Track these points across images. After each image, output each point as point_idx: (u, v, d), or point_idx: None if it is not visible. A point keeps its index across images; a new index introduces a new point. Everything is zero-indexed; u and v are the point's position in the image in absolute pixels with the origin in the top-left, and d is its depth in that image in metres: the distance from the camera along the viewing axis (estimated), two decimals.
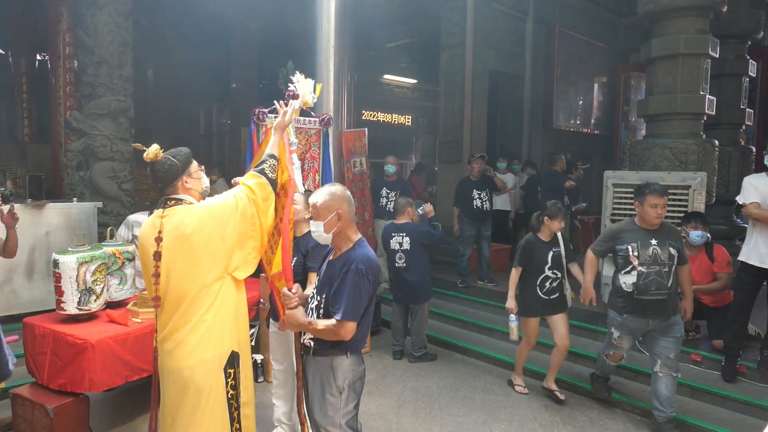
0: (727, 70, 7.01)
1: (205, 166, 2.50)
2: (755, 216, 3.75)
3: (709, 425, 3.55)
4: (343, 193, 2.26)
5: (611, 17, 11.03)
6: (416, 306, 4.83)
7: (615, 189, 5.03)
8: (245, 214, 2.18)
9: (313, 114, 4.69)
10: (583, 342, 4.87)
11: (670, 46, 5.25)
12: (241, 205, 2.18)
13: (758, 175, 3.93)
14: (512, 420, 3.79)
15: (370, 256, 2.22)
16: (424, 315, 4.86)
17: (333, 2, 5.13)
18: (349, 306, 2.11)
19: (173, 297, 2.09)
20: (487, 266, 6.60)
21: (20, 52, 9.22)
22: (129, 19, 6.14)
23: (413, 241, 4.75)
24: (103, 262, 3.33)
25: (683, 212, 4.70)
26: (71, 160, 6.05)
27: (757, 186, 3.78)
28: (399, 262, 4.83)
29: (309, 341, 2.25)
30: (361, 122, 11.17)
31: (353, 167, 5.74)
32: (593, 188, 10.12)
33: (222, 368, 2.12)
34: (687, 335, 4.46)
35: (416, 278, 4.78)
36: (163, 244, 2.09)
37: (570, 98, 10.44)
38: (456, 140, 8.64)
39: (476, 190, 6.33)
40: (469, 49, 8.44)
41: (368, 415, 3.77)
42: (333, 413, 2.20)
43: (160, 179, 2.18)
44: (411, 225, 4.83)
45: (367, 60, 11.18)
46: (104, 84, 5.93)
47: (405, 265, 4.80)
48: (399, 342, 4.99)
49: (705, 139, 5.33)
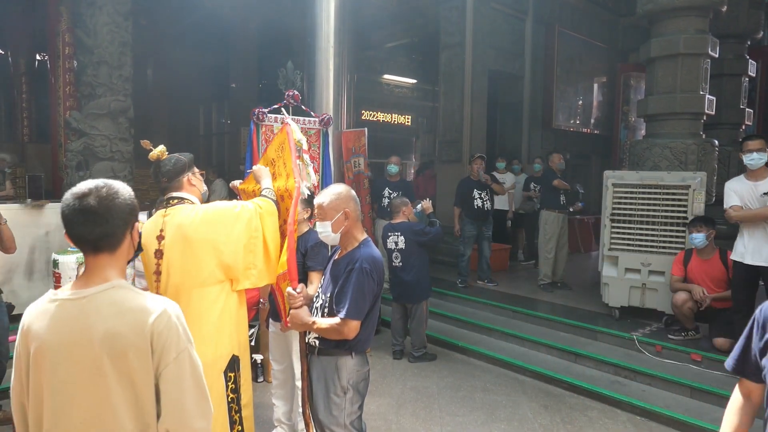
0: (726, 70, 7.01)
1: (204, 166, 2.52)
2: (735, 218, 3.92)
3: (709, 425, 3.55)
4: (349, 193, 2.28)
5: (611, 17, 11.03)
6: (414, 305, 4.82)
7: (615, 189, 5.03)
8: (250, 225, 2.18)
9: (313, 114, 4.69)
10: (582, 342, 4.88)
11: (670, 46, 5.25)
12: (246, 215, 2.19)
13: (737, 178, 4.10)
14: (512, 420, 3.79)
15: (374, 255, 2.23)
16: (423, 315, 4.84)
17: (333, 2, 5.13)
18: (352, 305, 2.11)
19: (172, 295, 2.09)
20: (488, 266, 6.61)
21: (20, 52, 9.22)
22: (129, 19, 6.14)
23: (407, 240, 4.74)
24: None
25: (683, 212, 4.71)
26: (71, 160, 6.05)
27: (735, 189, 3.97)
28: (395, 262, 4.84)
29: (314, 341, 2.26)
30: (361, 122, 11.16)
31: (353, 167, 5.74)
32: (593, 188, 10.12)
33: (222, 372, 2.12)
34: (686, 334, 4.47)
35: (412, 277, 4.76)
36: (165, 242, 2.09)
37: (569, 98, 10.44)
38: (455, 140, 8.64)
39: (477, 189, 6.33)
40: (469, 48, 8.43)
41: (368, 415, 3.77)
42: (338, 413, 2.20)
43: (167, 173, 2.20)
44: (405, 224, 4.82)
45: (367, 60, 11.18)
46: (104, 84, 5.93)
47: (401, 265, 4.80)
48: (399, 342, 4.98)
49: (705, 139, 5.33)
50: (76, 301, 1.29)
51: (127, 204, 1.34)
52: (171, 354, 1.28)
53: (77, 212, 1.28)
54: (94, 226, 1.28)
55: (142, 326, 1.26)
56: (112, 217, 1.29)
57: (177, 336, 1.30)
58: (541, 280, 6.37)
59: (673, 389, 4.05)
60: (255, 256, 2.20)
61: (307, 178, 2.63)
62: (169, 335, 1.29)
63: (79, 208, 1.27)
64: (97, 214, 1.27)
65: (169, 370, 1.28)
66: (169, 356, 1.28)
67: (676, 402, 3.90)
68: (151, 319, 1.27)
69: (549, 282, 6.34)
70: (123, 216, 1.32)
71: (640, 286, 4.88)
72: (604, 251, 5.11)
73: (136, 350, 1.25)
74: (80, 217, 1.28)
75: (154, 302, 1.32)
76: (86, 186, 1.31)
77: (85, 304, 1.28)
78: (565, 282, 6.46)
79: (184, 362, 1.30)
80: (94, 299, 1.29)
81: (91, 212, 1.27)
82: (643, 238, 4.87)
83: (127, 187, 1.38)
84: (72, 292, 1.31)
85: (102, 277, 1.32)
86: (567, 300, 5.91)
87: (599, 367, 4.49)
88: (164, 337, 1.27)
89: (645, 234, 4.87)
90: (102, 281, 1.31)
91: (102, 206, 1.28)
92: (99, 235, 1.29)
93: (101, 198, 1.29)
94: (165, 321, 1.29)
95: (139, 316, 1.27)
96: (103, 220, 1.28)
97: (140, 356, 1.26)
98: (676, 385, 4.04)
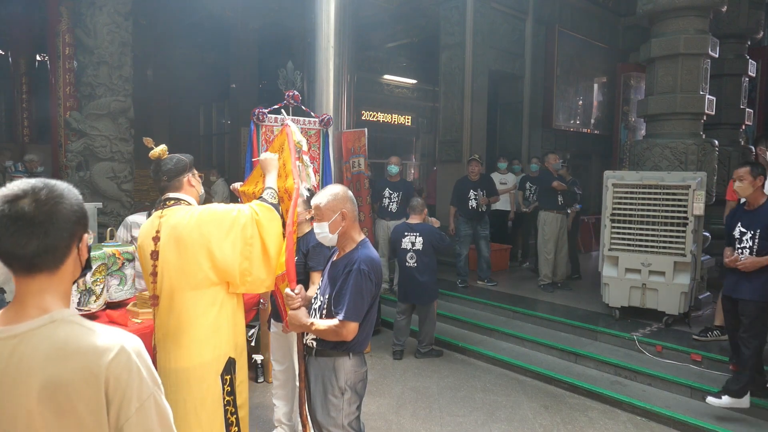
0: (726, 70, 7.01)
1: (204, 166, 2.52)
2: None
3: (710, 425, 3.55)
4: (345, 193, 2.27)
5: (611, 17, 11.03)
6: (425, 306, 4.86)
7: (615, 189, 5.03)
8: (245, 232, 2.13)
9: (313, 114, 4.69)
10: (582, 342, 4.88)
11: (670, 46, 5.25)
12: (242, 220, 2.14)
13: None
14: (512, 420, 3.79)
15: (372, 256, 2.23)
16: (434, 314, 4.91)
17: (333, 2, 5.13)
18: (351, 306, 2.11)
19: (168, 296, 2.09)
20: (487, 266, 6.61)
21: (20, 52, 9.21)
22: (129, 19, 6.14)
23: (426, 242, 4.77)
24: (103, 263, 3.33)
25: (683, 212, 4.71)
26: (71, 160, 6.05)
27: None
28: (410, 262, 4.82)
29: (311, 342, 2.26)
30: (361, 122, 11.16)
31: (352, 167, 5.74)
32: (593, 188, 10.12)
33: (219, 374, 2.12)
34: (711, 334, 4.43)
35: (426, 279, 4.80)
36: (161, 243, 2.08)
37: (569, 98, 10.44)
38: (455, 140, 8.64)
39: (473, 190, 6.35)
40: (469, 48, 8.43)
41: (368, 415, 3.77)
42: (335, 414, 2.20)
43: (168, 171, 2.18)
44: (425, 225, 4.86)
45: (367, 60, 11.18)
46: (104, 84, 5.94)
47: (416, 266, 4.80)
48: (400, 342, 4.98)
49: (705, 139, 5.33)
50: (5, 341, 0.99)
51: (73, 210, 1.04)
52: (133, 404, 1.01)
53: (7, 219, 0.97)
54: (29, 238, 0.98)
55: (93, 371, 0.98)
56: (53, 226, 1.00)
57: (139, 380, 1.03)
58: (541, 281, 6.37)
59: (673, 389, 4.05)
60: (251, 264, 2.14)
61: (307, 179, 2.62)
62: (130, 380, 1.01)
63: (10, 215, 0.97)
64: (34, 222, 0.98)
65: (131, 425, 1.01)
66: (131, 407, 1.01)
67: (676, 402, 3.90)
68: (106, 362, 0.99)
69: (549, 282, 6.34)
70: (68, 226, 1.03)
71: (640, 286, 4.88)
72: (604, 251, 5.11)
73: (86, 402, 0.98)
74: (11, 226, 0.97)
75: (107, 338, 1.03)
76: (20, 187, 1.01)
77: (16, 345, 0.98)
78: (566, 282, 6.46)
79: (149, 412, 1.04)
80: (28, 338, 0.99)
81: (25, 220, 0.97)
82: (643, 239, 4.87)
83: (73, 189, 1.08)
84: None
85: (38, 306, 1.02)
86: (567, 300, 5.91)
87: (599, 367, 4.50)
88: (123, 383, 1.00)
89: (645, 234, 4.86)
90: (39, 313, 1.01)
91: (41, 212, 0.99)
92: (35, 250, 0.99)
93: (40, 202, 0.99)
94: (123, 362, 1.01)
95: (89, 358, 0.99)
96: (41, 230, 0.99)
97: (92, 410, 0.98)
98: (676, 385, 4.05)
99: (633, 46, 9.94)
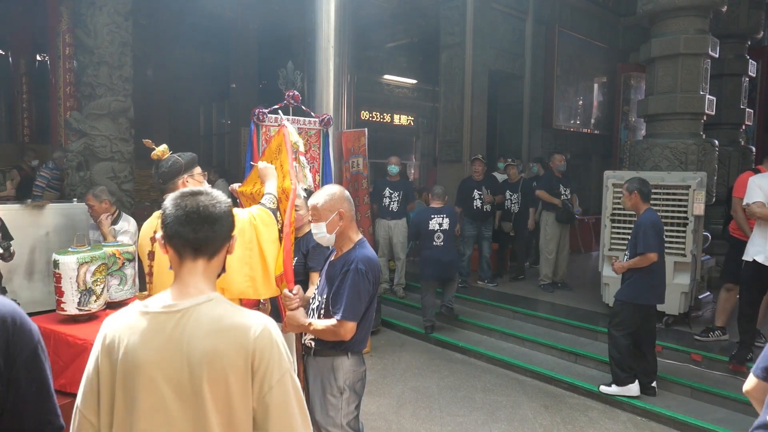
0: (726, 70, 7.00)
1: (204, 166, 2.50)
2: (758, 215, 3.79)
3: (709, 425, 3.55)
4: (342, 193, 2.27)
5: (611, 17, 11.02)
6: (450, 276, 5.43)
7: (615, 189, 5.03)
8: (243, 236, 2.10)
9: (313, 114, 4.69)
10: (582, 342, 4.87)
11: (670, 46, 5.24)
12: (239, 224, 2.08)
13: (763, 175, 3.99)
14: (512, 420, 3.79)
15: (370, 256, 2.23)
16: (456, 284, 5.59)
17: (333, 2, 5.12)
18: (348, 306, 2.11)
19: None
20: (488, 266, 6.61)
21: (20, 52, 9.21)
22: (129, 19, 6.13)
23: (452, 222, 5.36)
24: (103, 263, 3.33)
25: (683, 212, 4.70)
26: (71, 160, 6.04)
27: (761, 185, 3.82)
28: (437, 241, 5.31)
29: (310, 342, 2.26)
30: (361, 122, 11.16)
31: (351, 167, 5.74)
32: (593, 188, 10.12)
33: None
34: (711, 335, 4.43)
35: (452, 254, 5.40)
36: (156, 244, 2.08)
37: (570, 98, 10.44)
38: (456, 140, 8.64)
39: (477, 190, 6.35)
40: (469, 48, 8.43)
41: (368, 415, 3.77)
42: (334, 413, 2.20)
43: (163, 174, 2.19)
44: (449, 208, 5.53)
45: (367, 60, 11.17)
46: (104, 84, 5.92)
47: (443, 244, 5.30)
48: (430, 318, 5.44)
49: (705, 139, 5.33)
50: (171, 314, 1.16)
51: (230, 213, 1.27)
52: (274, 376, 1.16)
53: (189, 209, 1.19)
54: (201, 225, 1.19)
55: (243, 344, 1.14)
56: (219, 221, 1.22)
57: (279, 355, 1.18)
58: (542, 281, 6.37)
59: (673, 389, 4.05)
60: (251, 269, 2.12)
61: (304, 180, 2.61)
62: (272, 354, 1.16)
63: (191, 205, 1.20)
64: (207, 214, 1.20)
65: (273, 395, 1.16)
66: (273, 378, 1.16)
67: (676, 402, 3.90)
68: (253, 336, 1.15)
69: (549, 282, 6.34)
70: (228, 224, 1.25)
71: None
72: (604, 251, 5.11)
73: (236, 371, 1.13)
74: (191, 213, 1.19)
75: (254, 317, 1.20)
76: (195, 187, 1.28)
77: (179, 318, 1.15)
78: (565, 282, 6.46)
79: (287, 385, 1.18)
80: (191, 313, 1.16)
81: (201, 211, 1.19)
82: None
83: (223, 195, 1.31)
84: (165, 305, 1.18)
85: (196, 287, 1.20)
86: (567, 300, 5.91)
87: (600, 367, 4.49)
88: (266, 356, 1.15)
89: None
90: (197, 293, 1.19)
91: (214, 208, 1.22)
92: (204, 237, 1.20)
93: (213, 200, 1.24)
94: (267, 338, 1.17)
95: (240, 333, 1.15)
96: (211, 221, 1.20)
97: (240, 378, 1.13)
98: (676, 385, 4.05)
99: (633, 46, 9.93)
